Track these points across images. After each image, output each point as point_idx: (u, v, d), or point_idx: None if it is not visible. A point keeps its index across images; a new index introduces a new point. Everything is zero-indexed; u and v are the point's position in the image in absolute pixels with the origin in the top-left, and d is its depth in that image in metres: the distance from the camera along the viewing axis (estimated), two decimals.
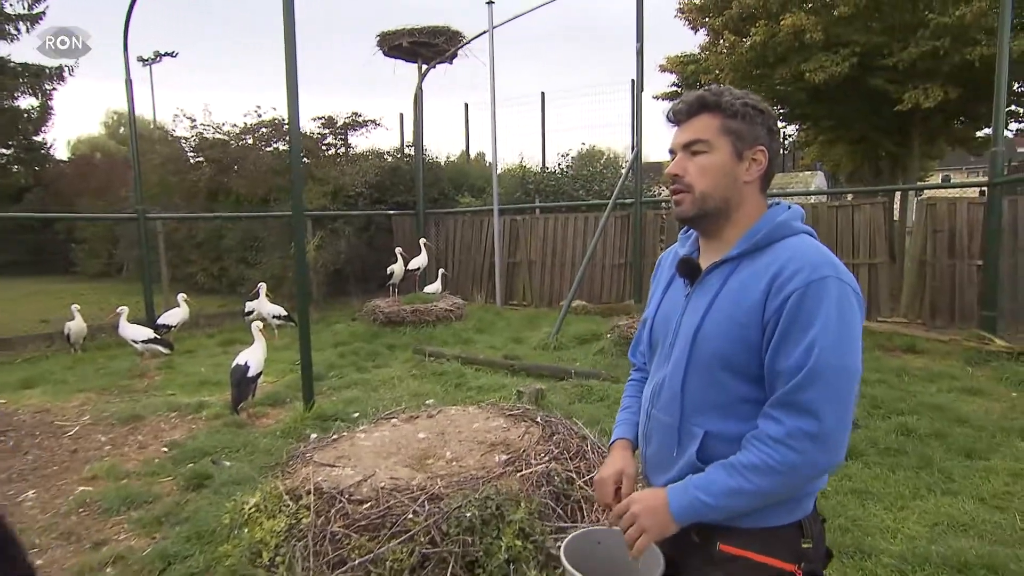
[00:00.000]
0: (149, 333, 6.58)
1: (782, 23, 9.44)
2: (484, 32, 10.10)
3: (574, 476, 2.86)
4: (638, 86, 8.75)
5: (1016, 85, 10.48)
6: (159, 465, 3.93)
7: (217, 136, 12.50)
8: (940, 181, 23.09)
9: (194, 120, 12.51)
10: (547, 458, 2.94)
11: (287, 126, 11.17)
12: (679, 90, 13.34)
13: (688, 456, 1.23)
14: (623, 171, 9.34)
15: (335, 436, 3.44)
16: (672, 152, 1.29)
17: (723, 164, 1.23)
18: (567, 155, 13.57)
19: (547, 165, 13.40)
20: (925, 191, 10.03)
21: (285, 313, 8.10)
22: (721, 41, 10.88)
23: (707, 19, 11.08)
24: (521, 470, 2.81)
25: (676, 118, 1.28)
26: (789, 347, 1.10)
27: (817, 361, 1.08)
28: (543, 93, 13.79)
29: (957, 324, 7.18)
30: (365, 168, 11.85)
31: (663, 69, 13.07)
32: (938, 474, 3.38)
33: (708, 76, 11.35)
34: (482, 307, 9.92)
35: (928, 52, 8.96)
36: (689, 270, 1.30)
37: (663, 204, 10.23)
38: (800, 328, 1.09)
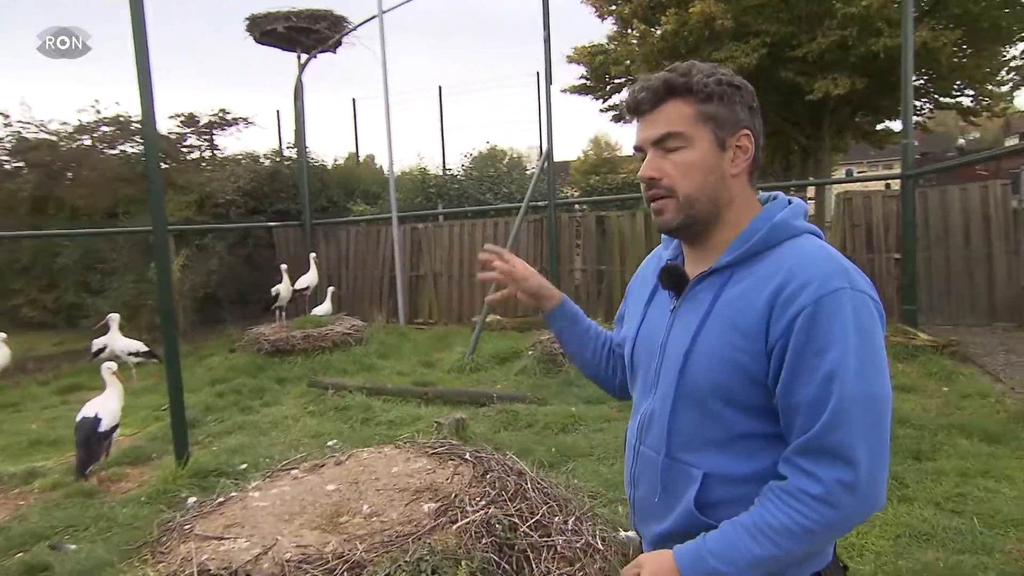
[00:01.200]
0: None
1: (691, 10, 9.92)
2: (373, 17, 9.87)
3: (517, 521, 2.73)
4: (546, 78, 8.80)
5: (915, 79, 11.60)
6: None
7: (42, 136, 11.34)
8: (844, 175, 25.27)
9: (8, 117, 11.27)
10: (484, 502, 2.79)
11: (137, 124, 10.41)
12: (588, 83, 13.70)
13: (685, 503, 1.14)
14: (529, 172, 9.38)
15: (221, 498, 3.11)
16: (638, 149, 1.17)
17: (706, 159, 1.12)
18: (469, 155, 13.56)
19: (448, 167, 13.31)
20: (837, 185, 10.87)
21: (145, 348, 7.43)
22: (631, 30, 11.27)
23: (614, 6, 11.45)
24: (456, 520, 2.64)
25: (639, 108, 1.16)
26: (804, 376, 1.02)
27: (841, 394, 1.00)
28: (440, 87, 13.73)
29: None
30: (237, 173, 11.21)
31: (571, 60, 13.35)
32: (892, 480, 3.55)
33: (618, 67, 11.73)
34: (384, 328, 9.62)
35: (836, 42, 9.75)
36: (674, 281, 1.20)
37: (576, 207, 10.39)
38: (814, 352, 1.01)
